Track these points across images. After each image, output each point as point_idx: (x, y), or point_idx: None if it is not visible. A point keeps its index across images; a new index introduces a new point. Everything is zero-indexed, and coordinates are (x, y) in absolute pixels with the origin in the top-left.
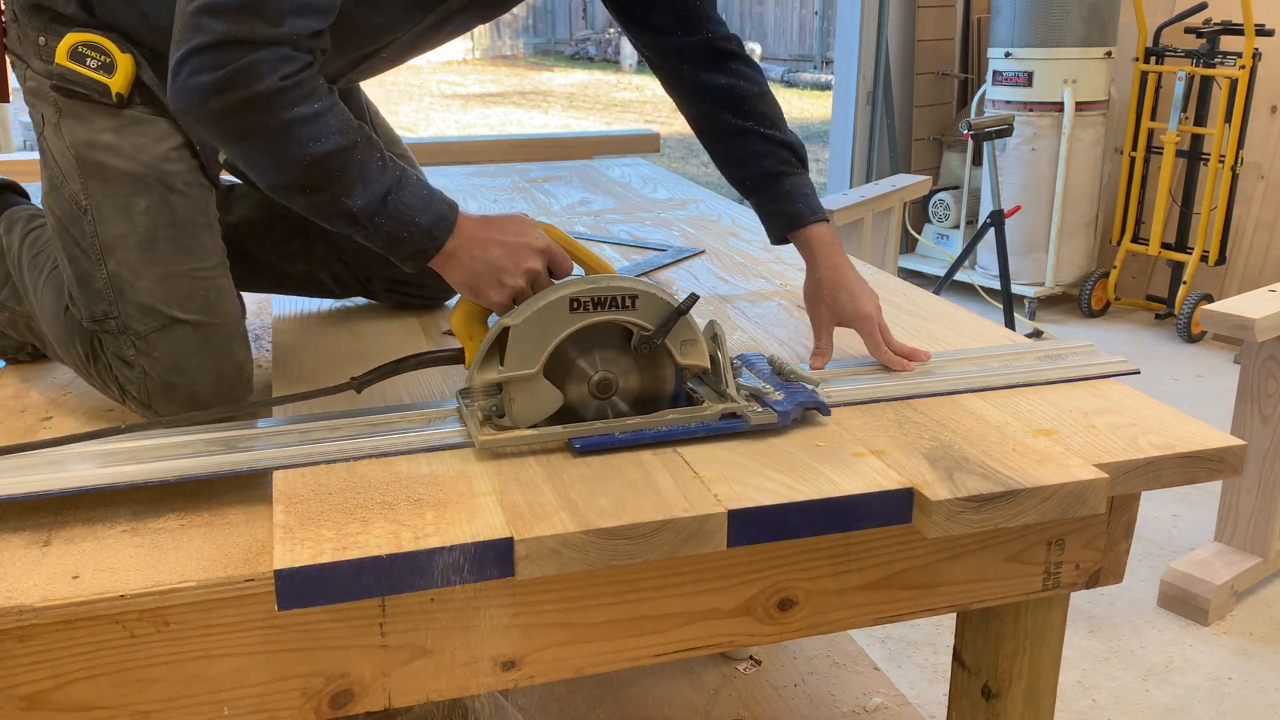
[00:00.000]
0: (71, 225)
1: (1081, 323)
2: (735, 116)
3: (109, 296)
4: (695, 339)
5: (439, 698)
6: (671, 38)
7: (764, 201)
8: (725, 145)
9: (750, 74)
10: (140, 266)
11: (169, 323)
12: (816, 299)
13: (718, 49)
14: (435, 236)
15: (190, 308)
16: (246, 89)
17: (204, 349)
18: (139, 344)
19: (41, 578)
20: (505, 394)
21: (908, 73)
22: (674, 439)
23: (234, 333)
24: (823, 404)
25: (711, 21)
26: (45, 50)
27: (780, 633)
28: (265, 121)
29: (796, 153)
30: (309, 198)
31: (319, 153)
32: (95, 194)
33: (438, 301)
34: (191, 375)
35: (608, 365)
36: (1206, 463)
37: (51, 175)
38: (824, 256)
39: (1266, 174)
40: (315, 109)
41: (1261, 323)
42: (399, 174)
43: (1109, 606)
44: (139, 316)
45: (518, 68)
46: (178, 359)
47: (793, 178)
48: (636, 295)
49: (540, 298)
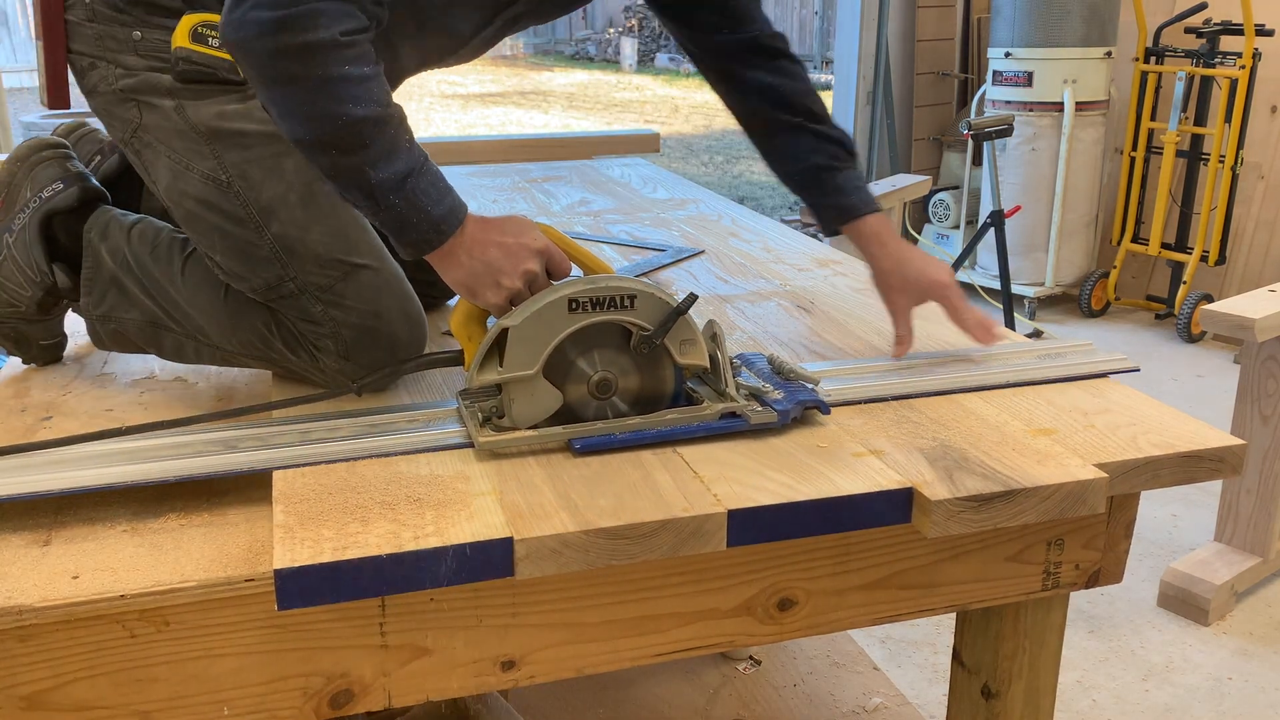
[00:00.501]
0: (217, 202)
1: (1081, 323)
2: (784, 113)
3: (279, 259)
4: (694, 338)
5: (439, 698)
6: (718, 35)
7: (816, 196)
8: (774, 142)
9: (797, 70)
10: (307, 221)
11: (351, 270)
12: (888, 285)
13: (765, 46)
14: (442, 230)
15: (364, 252)
16: (306, 34)
17: (389, 291)
18: (325, 296)
19: (41, 578)
20: (505, 395)
21: (908, 73)
22: (674, 439)
23: (402, 274)
24: (822, 403)
25: (758, 20)
26: (143, 44)
27: (780, 633)
28: (314, 72)
29: (846, 146)
30: (333, 158)
31: (357, 115)
32: (237, 164)
33: (439, 302)
34: (387, 318)
35: (607, 365)
36: (1206, 462)
37: (173, 163)
38: (882, 244)
39: (1266, 174)
40: (363, 72)
41: (1261, 323)
42: (422, 160)
43: (1109, 606)
44: (318, 270)
45: (518, 68)
46: (370, 303)
47: (844, 172)
48: (635, 295)
49: (539, 298)
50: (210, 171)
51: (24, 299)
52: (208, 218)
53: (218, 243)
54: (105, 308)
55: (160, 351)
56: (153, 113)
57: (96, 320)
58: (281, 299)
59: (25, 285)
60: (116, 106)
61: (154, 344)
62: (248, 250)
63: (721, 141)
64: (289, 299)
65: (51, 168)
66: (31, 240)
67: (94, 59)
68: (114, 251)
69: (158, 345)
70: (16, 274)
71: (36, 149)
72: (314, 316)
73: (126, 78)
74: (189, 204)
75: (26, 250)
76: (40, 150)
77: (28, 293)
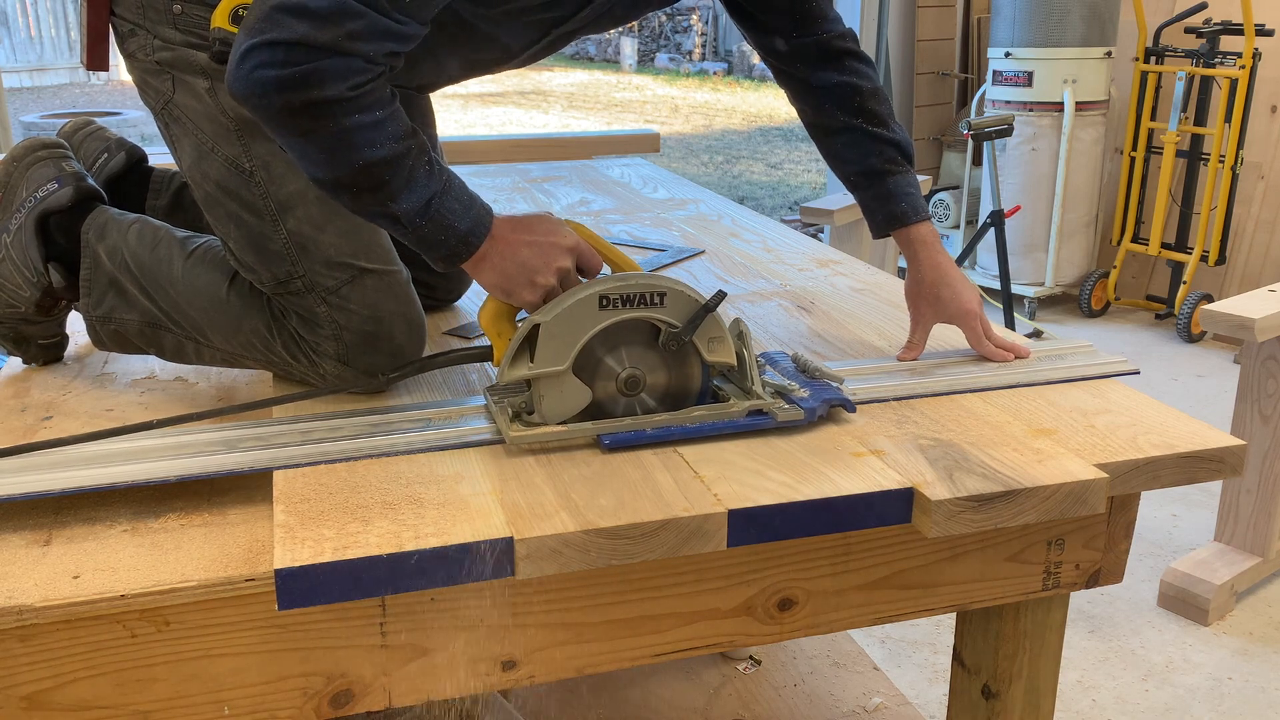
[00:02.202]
0: (237, 189)
1: (1081, 323)
2: (845, 114)
3: (291, 255)
4: (722, 336)
5: (439, 698)
6: (788, 38)
7: (868, 198)
8: (833, 141)
9: (864, 70)
10: (323, 221)
11: (359, 274)
12: (919, 296)
13: (834, 48)
14: (470, 242)
15: (374, 257)
16: (311, 92)
17: (393, 297)
18: (331, 299)
19: (42, 577)
20: (534, 390)
21: (908, 73)
22: (702, 435)
23: (409, 279)
24: (849, 401)
25: (827, 20)
26: (182, 19)
27: (780, 633)
28: (325, 126)
29: (903, 151)
30: (355, 197)
31: (372, 158)
32: (261, 154)
33: (440, 304)
34: (388, 324)
35: (635, 362)
36: (1206, 463)
37: (199, 143)
38: (926, 255)
39: (1266, 174)
40: (376, 117)
41: (1261, 323)
42: (444, 180)
43: (1109, 606)
44: (327, 271)
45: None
46: (373, 309)
47: (897, 176)
48: (665, 293)
49: (570, 295)
50: (234, 158)
51: (23, 299)
52: (226, 203)
53: (232, 230)
54: (104, 309)
55: (160, 352)
56: (185, 90)
57: (96, 321)
58: (288, 295)
59: (23, 286)
60: (152, 77)
61: (154, 345)
62: (261, 242)
63: (721, 141)
64: (295, 296)
65: (47, 167)
66: (28, 240)
67: (134, 25)
68: (112, 252)
69: (158, 346)
70: (15, 274)
71: (32, 148)
72: (317, 317)
73: (164, 50)
74: (209, 186)
75: (23, 250)
76: (36, 150)
77: (26, 293)
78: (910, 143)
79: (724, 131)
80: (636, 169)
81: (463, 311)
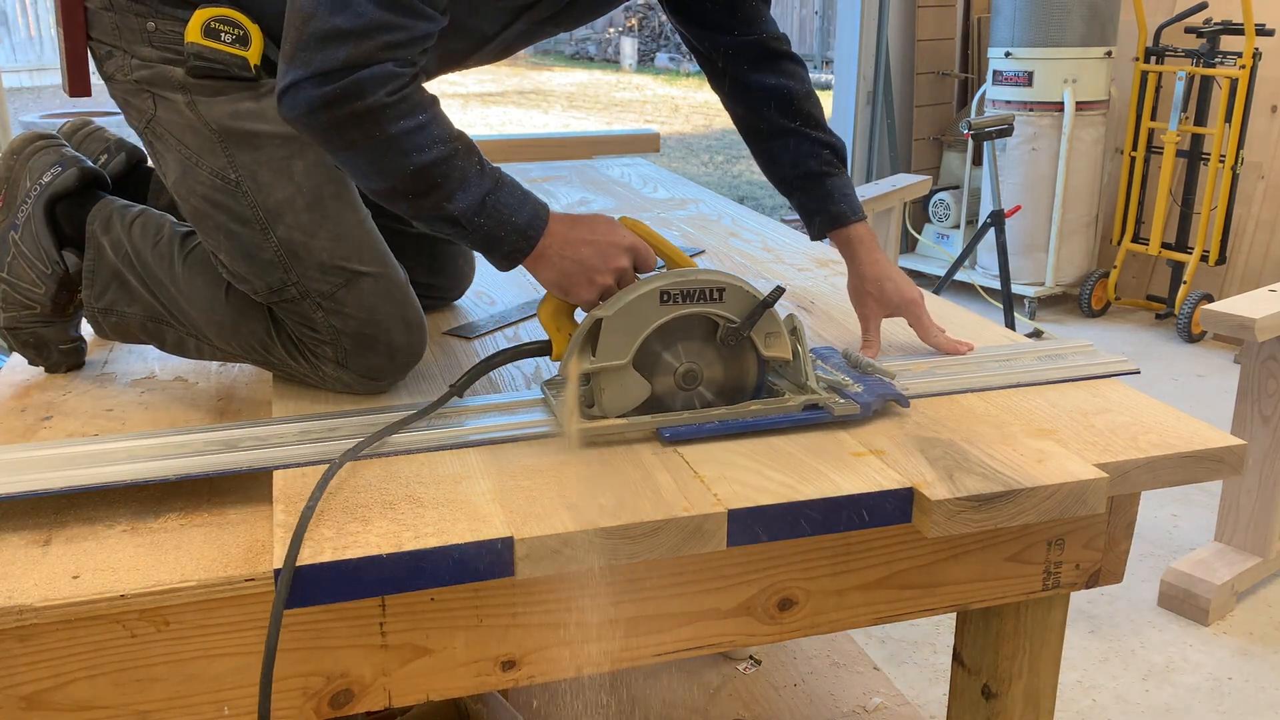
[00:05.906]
0: (224, 201)
1: (1081, 323)
2: (782, 116)
3: (283, 263)
4: (779, 331)
5: (439, 698)
6: (727, 36)
7: (806, 201)
8: (770, 144)
9: (799, 73)
10: (313, 227)
11: (352, 277)
12: (863, 293)
13: (770, 49)
14: (530, 236)
15: (367, 259)
16: (353, 103)
17: (389, 298)
18: (326, 304)
19: (42, 577)
20: (595, 384)
21: (908, 73)
22: (759, 429)
23: (405, 280)
24: (902, 396)
25: (766, 22)
26: (156, 36)
27: (780, 633)
28: (372, 135)
29: (838, 153)
30: (412, 203)
31: (422, 162)
32: (246, 164)
33: (441, 304)
34: (385, 325)
35: (692, 356)
36: (1206, 463)
37: (183, 158)
38: (865, 253)
39: (1266, 174)
40: (419, 120)
41: (1261, 323)
42: (496, 177)
43: (1109, 606)
44: (321, 276)
45: (518, 67)
46: (369, 311)
47: (834, 178)
48: (724, 288)
49: (631, 290)
50: (220, 170)
51: (38, 297)
52: (214, 216)
53: (223, 242)
54: (107, 301)
55: (162, 345)
56: (166, 106)
57: (99, 313)
58: (283, 303)
59: (38, 281)
60: (133, 97)
61: (155, 338)
62: (252, 252)
63: (721, 141)
64: (290, 303)
65: (47, 154)
66: (39, 229)
67: (111, 47)
68: (115, 245)
69: (159, 339)
70: (28, 270)
71: (29, 140)
72: (314, 323)
73: (142, 69)
74: (196, 200)
75: (35, 241)
76: (34, 141)
77: (41, 289)
78: (844, 145)
79: (724, 131)
80: (636, 169)
81: (463, 311)
